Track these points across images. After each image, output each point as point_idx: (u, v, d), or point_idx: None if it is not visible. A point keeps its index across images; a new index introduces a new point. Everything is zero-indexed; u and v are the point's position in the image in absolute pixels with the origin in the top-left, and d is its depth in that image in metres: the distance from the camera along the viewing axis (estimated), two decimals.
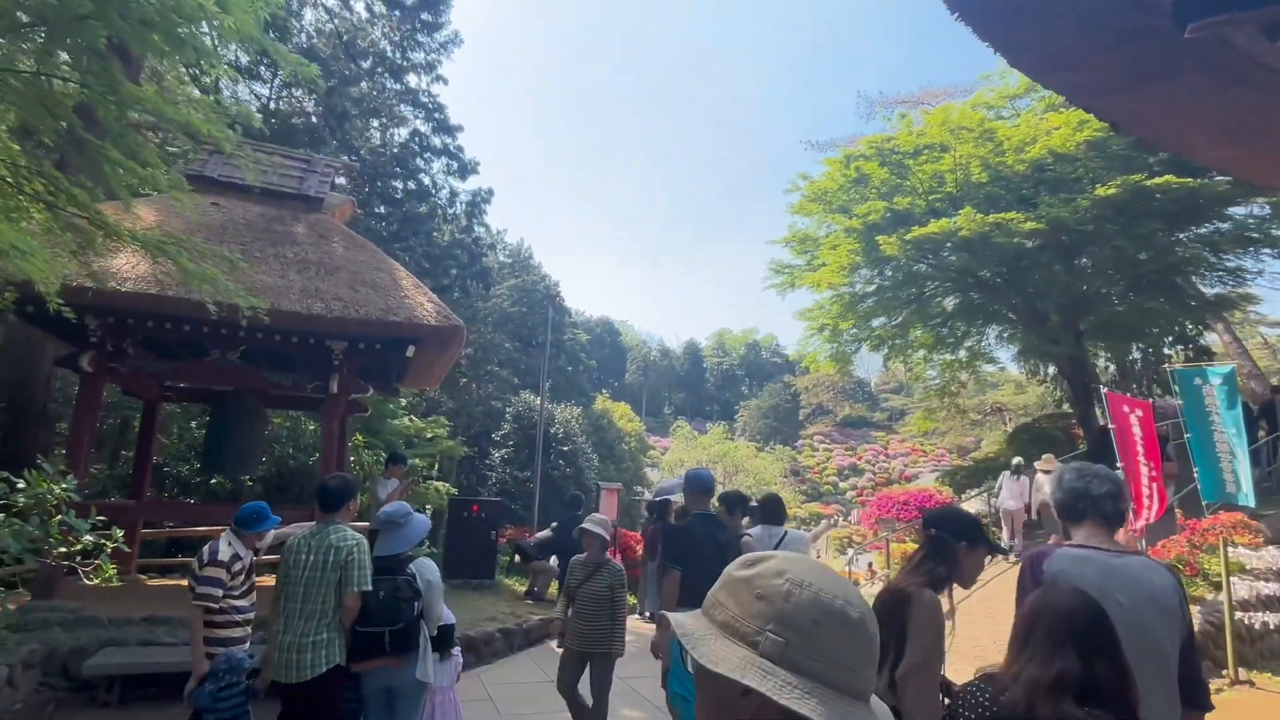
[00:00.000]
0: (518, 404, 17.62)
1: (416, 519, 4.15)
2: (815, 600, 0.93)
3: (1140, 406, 9.33)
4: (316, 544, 3.87)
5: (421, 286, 8.42)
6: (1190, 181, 12.26)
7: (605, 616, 4.93)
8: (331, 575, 3.81)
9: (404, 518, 4.08)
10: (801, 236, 17.64)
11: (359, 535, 4.00)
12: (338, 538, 3.86)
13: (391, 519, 4.06)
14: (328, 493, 4.02)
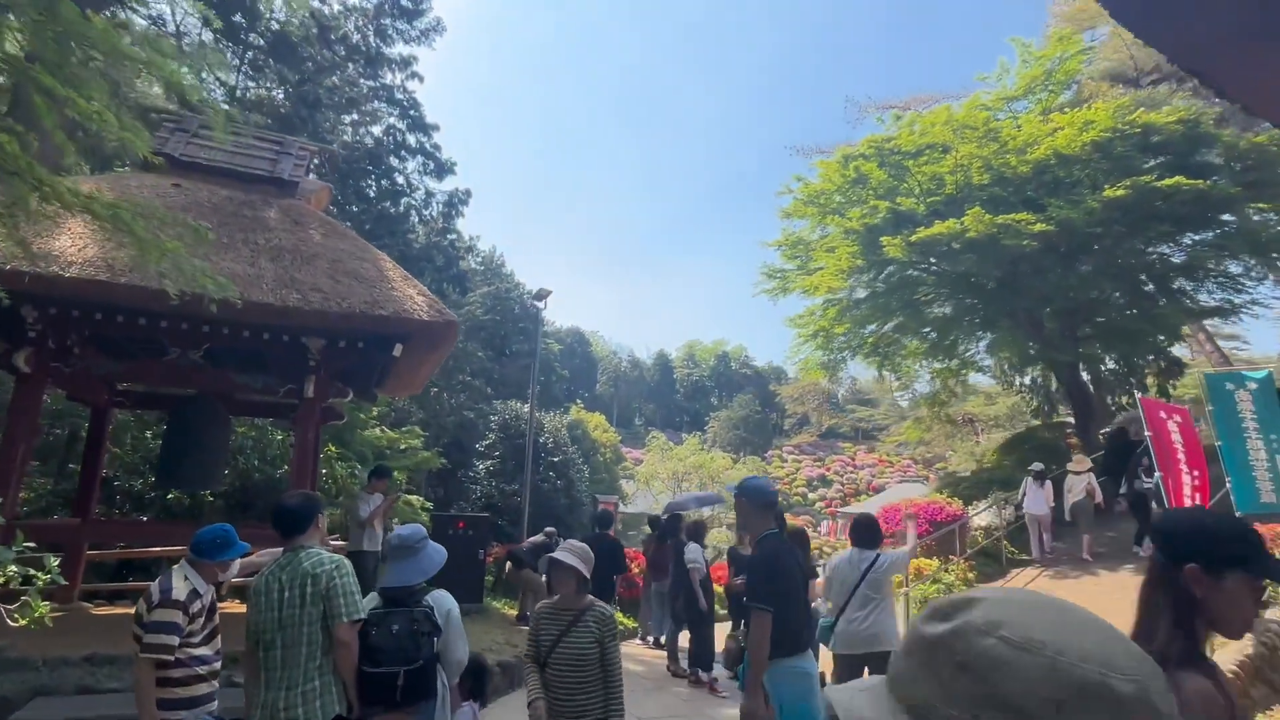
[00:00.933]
0: (504, 412, 16.64)
1: (434, 546, 3.37)
2: (1053, 670, 0.60)
3: (1178, 412, 8.86)
4: (289, 576, 3.10)
5: (410, 278, 7.59)
6: (1200, 183, 11.98)
7: (594, 684, 3.27)
8: (313, 609, 3.03)
9: (419, 542, 3.31)
10: (794, 240, 17.11)
11: (337, 556, 3.22)
12: (313, 563, 3.10)
13: (405, 543, 3.28)
14: (287, 514, 3.24)
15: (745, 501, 3.82)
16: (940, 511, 12.02)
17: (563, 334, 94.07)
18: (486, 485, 14.75)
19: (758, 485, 3.91)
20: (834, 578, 5.27)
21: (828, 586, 5.39)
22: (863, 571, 5.06)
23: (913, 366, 21.02)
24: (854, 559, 5.17)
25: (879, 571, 5.04)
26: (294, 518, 3.23)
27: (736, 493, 3.90)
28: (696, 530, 7.83)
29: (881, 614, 4.98)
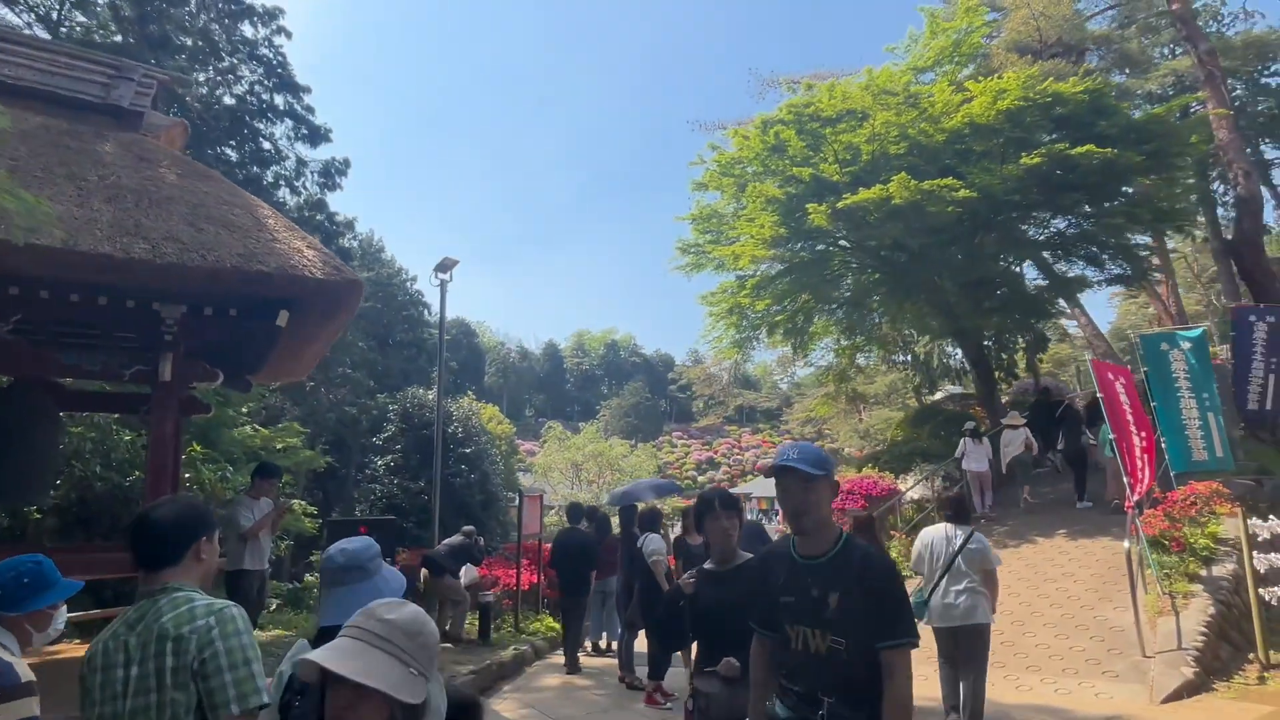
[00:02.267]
0: (405, 401, 14.85)
1: (391, 570, 2.20)
2: None
3: (1123, 374, 8.75)
4: (140, 639, 1.89)
5: (297, 229, 6.14)
6: (1108, 151, 12.18)
7: None
8: (179, 697, 1.83)
9: (371, 561, 2.12)
10: (709, 213, 16.40)
11: (221, 604, 1.98)
12: (176, 618, 1.89)
13: (354, 563, 2.08)
14: (151, 533, 2.03)
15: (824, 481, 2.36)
16: (874, 486, 11.68)
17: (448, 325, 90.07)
18: (387, 483, 13.05)
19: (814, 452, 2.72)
20: (926, 553, 5.53)
21: (919, 561, 5.59)
22: (957, 547, 5.30)
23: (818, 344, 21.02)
24: (949, 534, 5.45)
25: (972, 549, 5.29)
26: (160, 540, 2.00)
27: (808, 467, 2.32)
28: (651, 520, 6.86)
29: (975, 589, 5.30)
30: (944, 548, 5.42)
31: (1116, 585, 8.58)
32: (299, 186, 20.37)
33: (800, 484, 2.27)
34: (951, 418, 17.18)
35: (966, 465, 11.90)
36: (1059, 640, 7.43)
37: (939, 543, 5.49)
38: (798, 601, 2.29)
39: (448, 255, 11.25)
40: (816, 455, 2.33)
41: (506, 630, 8.94)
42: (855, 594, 2.19)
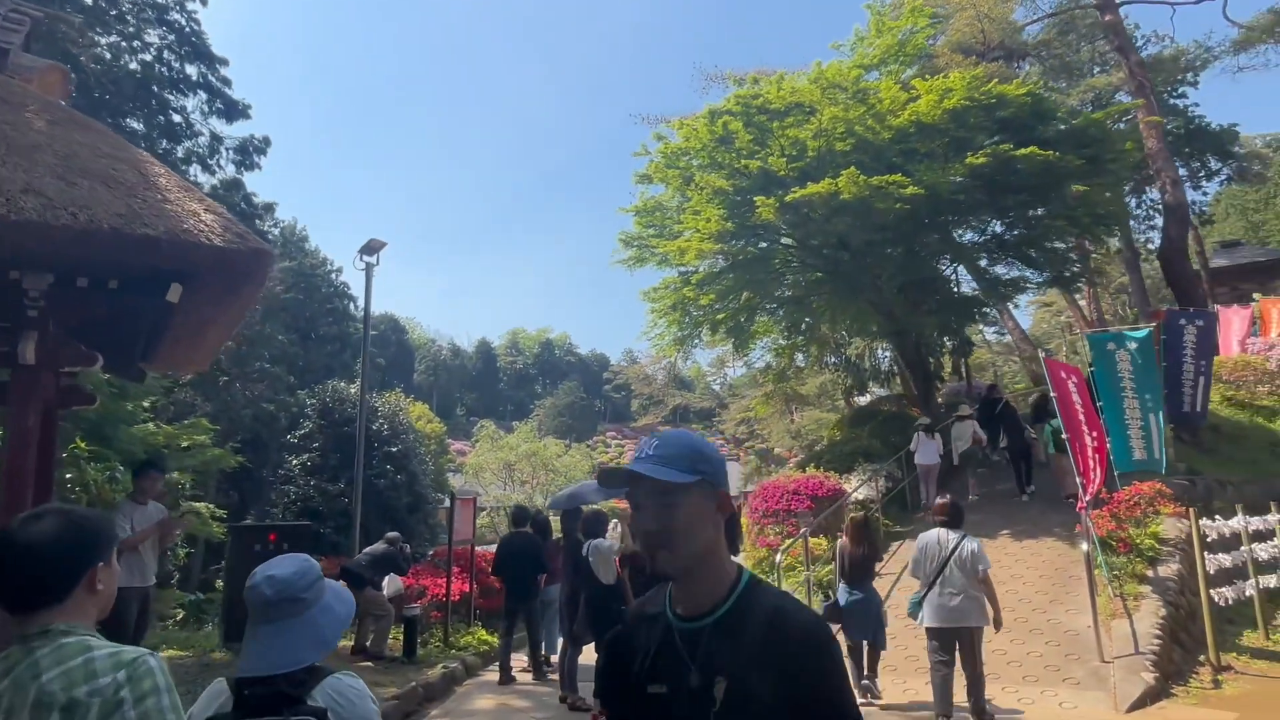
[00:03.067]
0: (325, 395, 13.68)
1: (335, 592, 1.74)
2: None
3: (1075, 373, 8.67)
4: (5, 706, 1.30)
5: (194, 190, 5.31)
6: (1050, 154, 12.29)
7: None
8: None
9: (309, 590, 1.64)
10: (653, 205, 15.93)
11: (136, 652, 1.40)
12: (68, 675, 1.31)
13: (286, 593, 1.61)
14: (23, 561, 1.39)
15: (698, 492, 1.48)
16: (820, 486, 11.39)
17: (376, 320, 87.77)
18: (303, 485, 11.94)
19: None
20: (922, 557, 5.78)
21: (917, 566, 5.83)
22: (950, 549, 5.60)
23: (758, 343, 20.88)
24: (942, 539, 5.73)
25: (965, 554, 5.58)
26: (38, 569, 1.39)
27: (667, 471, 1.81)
28: (596, 524, 6.28)
29: (969, 593, 5.54)
30: (937, 551, 5.67)
31: (1065, 588, 8.50)
32: (213, 165, 18.93)
33: (658, 496, 1.32)
34: (890, 418, 17.20)
35: (918, 459, 12.08)
36: (1015, 646, 7.22)
37: (932, 546, 5.74)
38: (671, 694, 1.32)
39: (374, 238, 10.38)
40: (687, 449, 1.37)
41: (435, 645, 8.19)
42: (757, 680, 1.26)
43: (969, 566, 5.53)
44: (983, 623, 5.59)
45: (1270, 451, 13.87)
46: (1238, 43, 18.91)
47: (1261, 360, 16.30)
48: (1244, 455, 13.49)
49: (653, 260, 16.43)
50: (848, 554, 6.59)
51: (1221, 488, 10.78)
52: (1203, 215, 28.46)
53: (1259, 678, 6.54)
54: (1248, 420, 15.09)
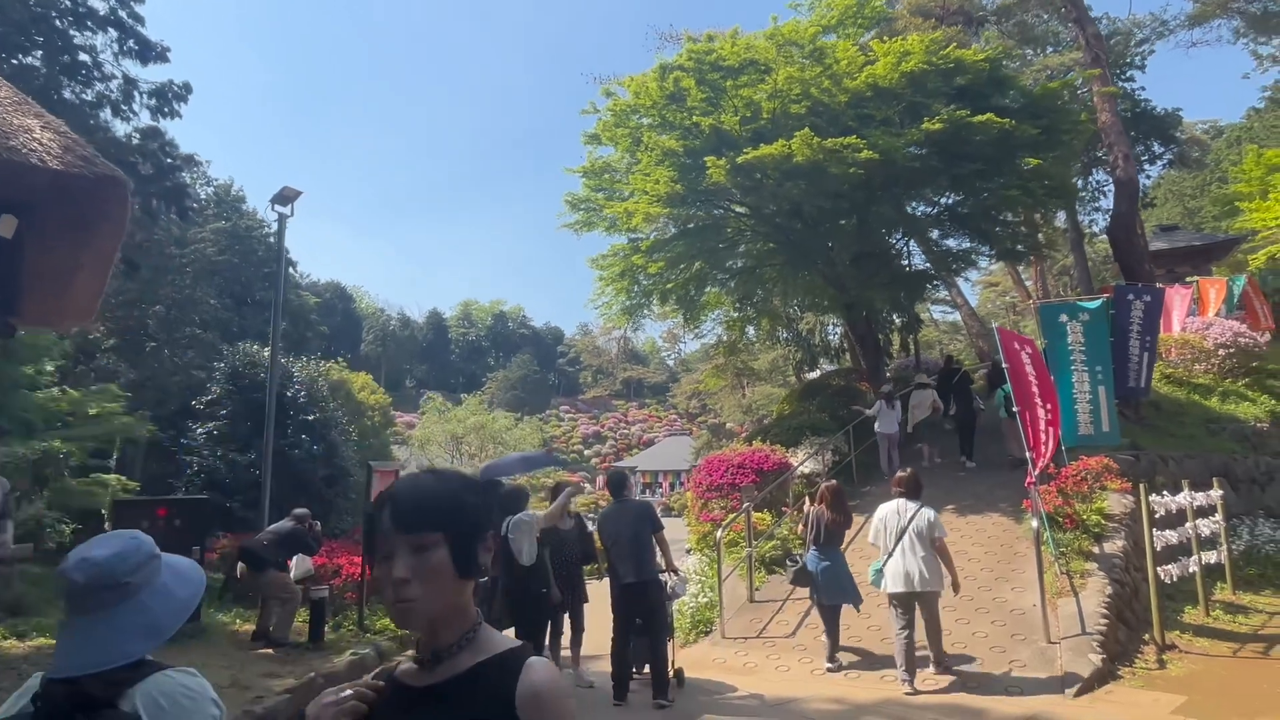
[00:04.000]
0: (234, 358, 12.58)
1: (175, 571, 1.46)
2: None
3: (1028, 344, 8.38)
4: None
5: (31, 103, 4.49)
6: (1007, 122, 11.99)
7: None
8: None
9: (134, 573, 1.36)
10: (601, 166, 15.21)
11: None
12: None
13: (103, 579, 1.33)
14: None
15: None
16: (767, 460, 11.02)
17: (320, 288, 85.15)
18: (208, 456, 10.93)
19: None
20: (881, 527, 6.12)
21: (876, 534, 6.17)
22: (909, 519, 5.95)
23: (709, 314, 20.47)
24: (900, 508, 6.07)
25: (922, 523, 5.94)
26: None
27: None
28: (514, 501, 5.72)
29: (929, 558, 5.88)
30: (896, 521, 5.99)
31: (1011, 564, 8.29)
32: (128, 111, 17.43)
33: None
34: (840, 392, 16.98)
35: (879, 427, 12.26)
36: (960, 626, 6.94)
37: (891, 517, 6.05)
38: None
39: (288, 185, 9.48)
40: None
41: (348, 629, 7.57)
42: None
43: (926, 535, 5.88)
44: (940, 587, 5.94)
45: (1206, 428, 14.04)
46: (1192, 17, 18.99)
47: (1199, 339, 16.54)
48: (1182, 431, 13.62)
49: (601, 225, 15.75)
50: (824, 520, 6.65)
51: (1164, 463, 10.75)
52: (1144, 198, 29.06)
53: (1203, 657, 6.38)
54: (1184, 397, 15.28)
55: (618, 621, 5.69)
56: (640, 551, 5.60)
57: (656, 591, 5.65)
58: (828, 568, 6.51)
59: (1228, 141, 45.60)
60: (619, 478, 6.16)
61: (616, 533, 5.66)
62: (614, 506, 5.93)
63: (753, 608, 8.07)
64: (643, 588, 5.53)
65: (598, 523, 6.07)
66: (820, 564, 6.54)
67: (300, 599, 7.12)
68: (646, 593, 5.55)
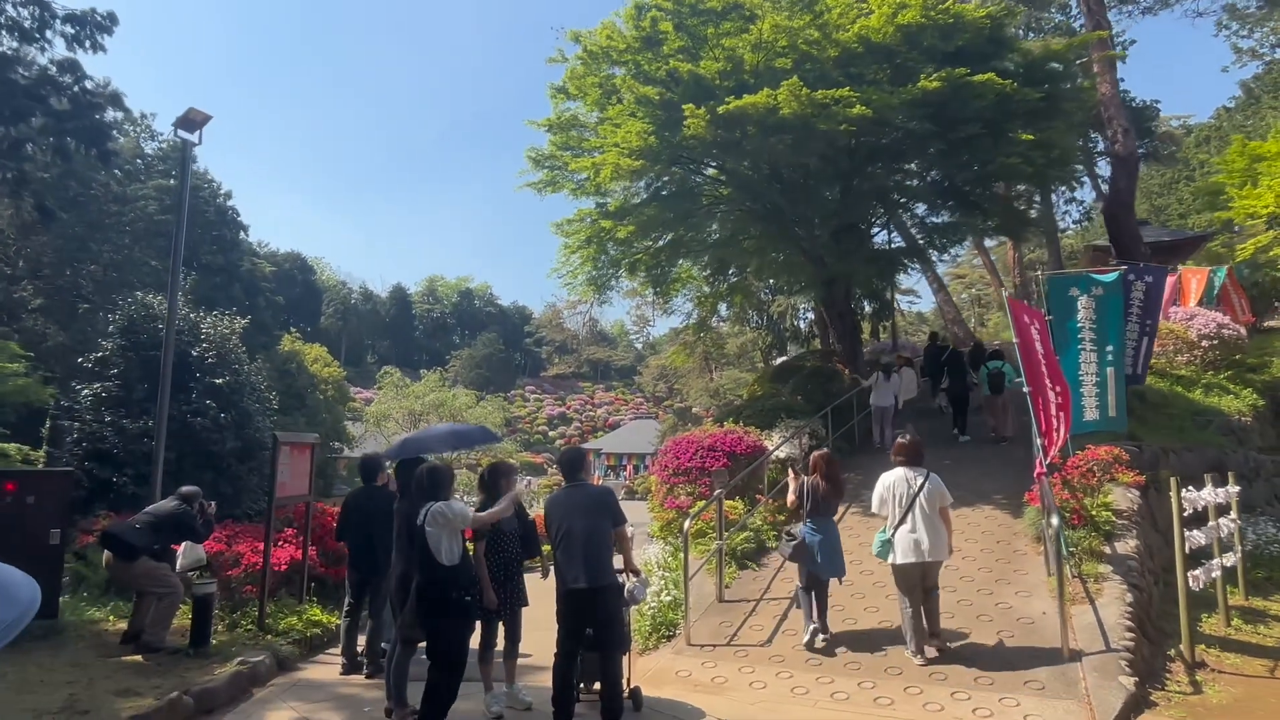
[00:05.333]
0: (129, 309, 10.96)
1: None
2: None
3: (1037, 318, 7.44)
4: None
5: None
6: (1009, 84, 11.06)
7: None
8: None
9: None
10: (569, 119, 13.94)
11: None
12: None
13: None
14: None
15: None
16: (740, 442, 9.99)
17: (279, 258, 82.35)
18: (93, 422, 9.41)
19: None
20: (889, 495, 5.85)
21: (882, 504, 5.90)
22: (917, 488, 5.75)
23: (681, 291, 19.42)
24: (909, 476, 5.82)
25: (931, 490, 5.75)
26: None
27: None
28: (434, 483, 4.57)
29: (937, 527, 5.70)
30: (905, 489, 5.75)
31: (1012, 564, 7.41)
32: (41, 39, 15.64)
33: None
34: (814, 374, 16.06)
35: (874, 400, 12.28)
36: (961, 633, 6.01)
37: (899, 484, 5.80)
38: None
39: (194, 107, 8.10)
40: None
41: (245, 630, 6.37)
42: None
43: (933, 502, 5.71)
44: (945, 557, 5.81)
45: (1193, 420, 13.47)
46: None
47: (1183, 330, 15.98)
48: (1170, 423, 12.99)
49: (567, 186, 14.51)
50: (819, 490, 6.37)
51: (1165, 455, 10.00)
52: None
53: (1239, 677, 5.53)
54: (1168, 389, 14.70)
55: (563, 631, 4.60)
56: (596, 550, 4.56)
57: (613, 599, 4.58)
58: (823, 540, 6.22)
59: (1196, 140, 45.73)
60: (574, 457, 5.05)
61: (567, 525, 4.61)
62: (566, 491, 4.88)
63: (722, 609, 7.07)
64: (596, 595, 4.48)
65: (545, 509, 4.94)
66: (815, 536, 6.24)
67: (181, 593, 5.91)
68: (601, 600, 4.50)
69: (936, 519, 5.70)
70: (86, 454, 8.91)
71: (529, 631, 5.30)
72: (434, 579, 4.34)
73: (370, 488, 6.07)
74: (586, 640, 4.58)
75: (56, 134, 14.95)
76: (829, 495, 6.40)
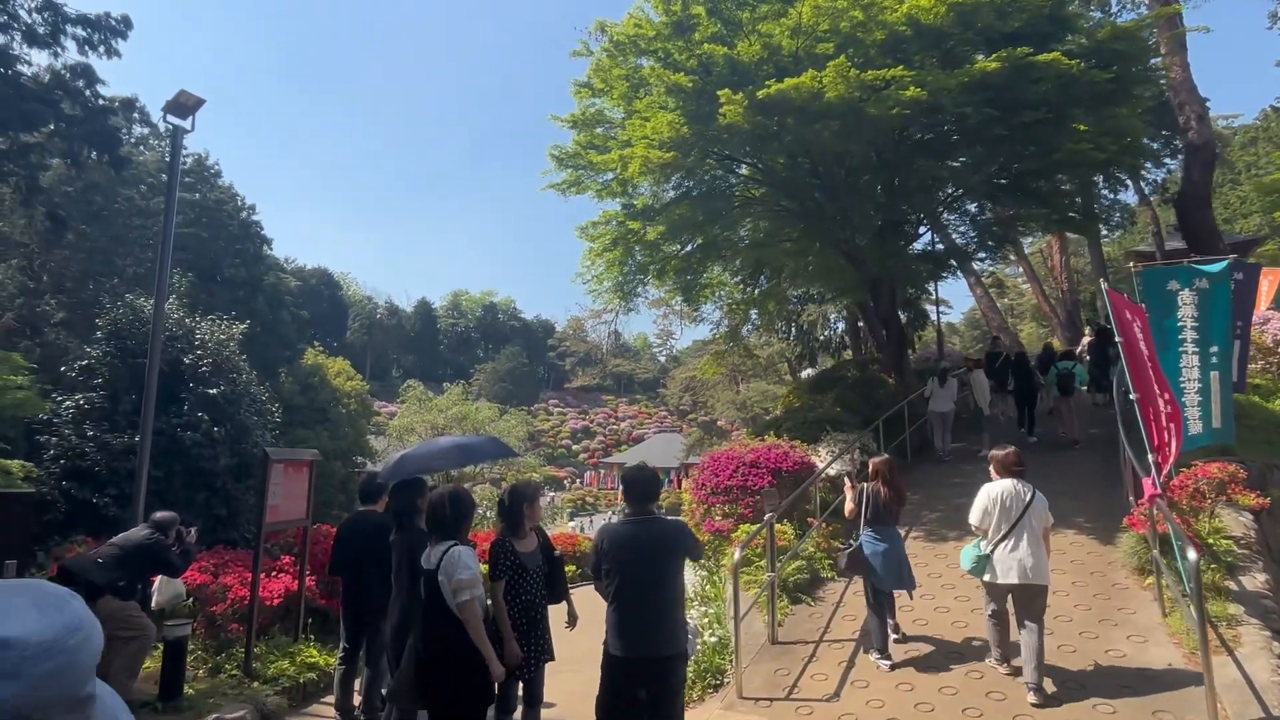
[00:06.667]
0: (117, 313, 10.19)
1: None
2: None
3: (1140, 315, 6.44)
4: None
5: None
6: (1075, 64, 10.07)
7: None
8: None
9: None
10: (594, 116, 13.17)
11: None
12: None
13: None
14: None
15: None
16: (785, 458, 9.04)
17: (306, 273, 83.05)
18: (73, 436, 8.66)
19: None
20: (994, 509, 5.32)
21: (985, 516, 5.38)
22: (1026, 503, 5.21)
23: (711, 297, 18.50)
24: (1020, 491, 5.28)
25: (1038, 507, 5.21)
26: None
27: None
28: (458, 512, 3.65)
29: (1039, 548, 5.14)
30: (1015, 503, 5.26)
31: (1112, 600, 6.36)
32: (53, 43, 15.26)
33: None
34: (856, 384, 15.07)
35: (933, 407, 12.05)
36: (1074, 688, 4.99)
37: (1009, 496, 5.31)
38: None
39: (185, 89, 7.44)
40: None
41: (229, 675, 5.55)
42: None
43: (1040, 521, 5.23)
44: (1048, 581, 5.19)
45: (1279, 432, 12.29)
46: None
47: (1257, 335, 14.78)
48: (1257, 436, 11.82)
49: (592, 187, 13.72)
50: (881, 497, 5.98)
51: (1270, 472, 8.87)
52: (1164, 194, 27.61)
53: None
54: (1244, 399, 13.52)
55: (609, 698, 3.58)
56: (667, 608, 3.56)
57: (681, 670, 3.61)
58: (886, 550, 5.82)
59: (1240, 143, 43.99)
60: (646, 480, 3.84)
61: (631, 572, 3.58)
62: (631, 526, 3.72)
63: (776, 652, 6.11)
64: (662, 666, 3.48)
65: (603, 545, 3.79)
66: (877, 545, 5.84)
67: (153, 636, 5.10)
68: (666, 672, 3.51)
69: (1039, 539, 5.16)
70: (65, 472, 8.20)
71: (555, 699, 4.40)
72: (443, 642, 3.41)
73: (368, 513, 5.16)
74: (637, 707, 3.58)
75: (67, 139, 14.52)
76: (890, 502, 6.00)
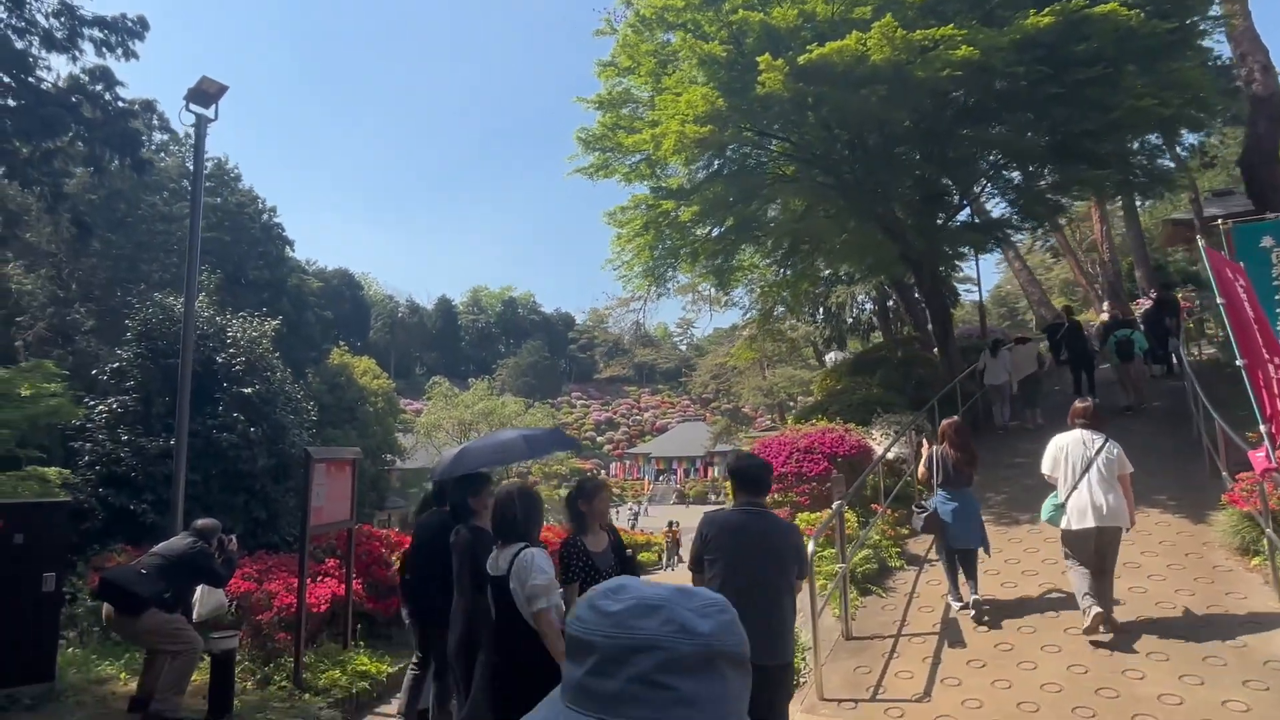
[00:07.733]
0: (147, 313, 9.96)
1: None
2: None
3: (1241, 275, 5.91)
4: None
5: None
6: (1134, 14, 9.45)
7: None
8: None
9: None
10: (621, 96, 12.73)
11: None
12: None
13: None
14: None
15: None
16: (841, 442, 8.60)
17: (328, 274, 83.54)
18: (108, 442, 8.47)
19: None
20: (1063, 458, 5.44)
21: (1055, 465, 5.49)
22: (1096, 450, 5.32)
23: (742, 280, 18.01)
24: (1086, 439, 5.41)
25: (1111, 454, 5.29)
26: None
27: None
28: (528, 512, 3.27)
29: (1115, 492, 5.21)
30: (1081, 451, 5.36)
31: (1217, 585, 5.87)
32: (71, 46, 15.08)
33: None
34: (900, 364, 14.57)
35: (987, 379, 12.12)
36: (1191, 691, 4.53)
37: (1075, 446, 5.42)
38: None
39: (207, 75, 7.14)
40: None
41: (278, 687, 5.27)
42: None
43: (1112, 468, 5.27)
44: (1126, 524, 5.29)
45: None
46: None
47: None
48: None
49: (619, 170, 13.28)
50: (950, 459, 6.16)
51: None
52: (1205, 157, 26.60)
53: None
54: None
55: None
56: (776, 611, 3.23)
57: (788, 682, 3.32)
58: (957, 509, 5.98)
59: None
60: (759, 468, 3.52)
61: (740, 568, 3.25)
62: (741, 516, 3.40)
63: (853, 649, 5.71)
64: (767, 676, 3.10)
65: (708, 534, 3.43)
66: (949, 505, 6.02)
67: (200, 649, 4.83)
68: (772, 683, 3.15)
69: (1115, 483, 5.24)
70: (101, 479, 8.02)
71: None
72: (518, 654, 3.07)
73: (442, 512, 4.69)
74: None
75: (88, 143, 14.36)
76: (960, 464, 6.14)
